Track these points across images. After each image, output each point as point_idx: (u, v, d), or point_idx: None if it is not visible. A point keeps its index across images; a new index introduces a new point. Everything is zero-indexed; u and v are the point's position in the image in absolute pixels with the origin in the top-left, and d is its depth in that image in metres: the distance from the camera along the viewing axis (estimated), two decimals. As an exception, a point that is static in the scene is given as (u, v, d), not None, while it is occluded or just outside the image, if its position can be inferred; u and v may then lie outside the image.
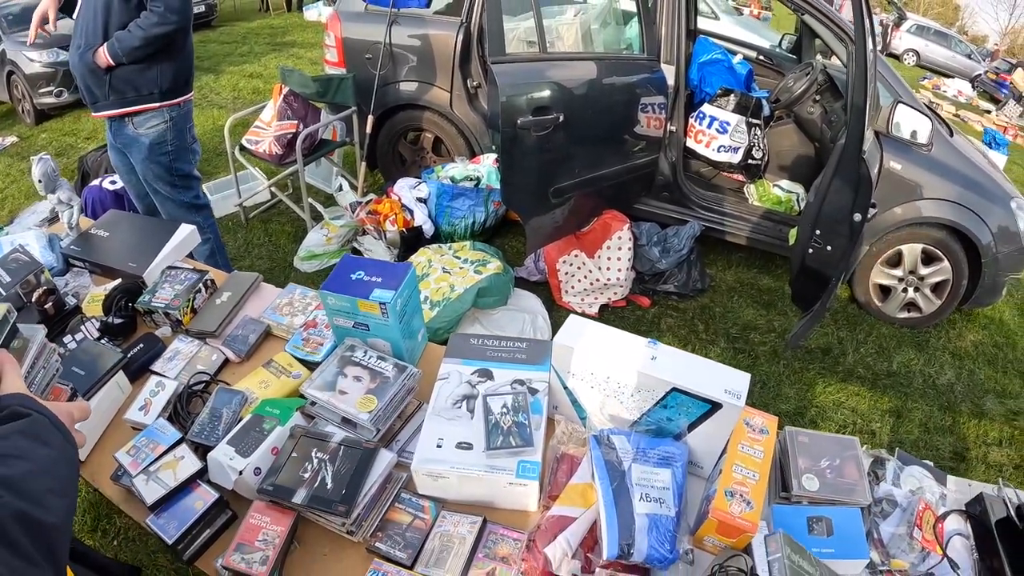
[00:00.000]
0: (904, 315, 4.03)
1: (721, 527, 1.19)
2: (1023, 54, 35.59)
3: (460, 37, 3.83)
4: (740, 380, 1.24)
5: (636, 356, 1.28)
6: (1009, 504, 1.32)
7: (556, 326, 3.08)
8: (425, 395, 1.42)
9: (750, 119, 4.08)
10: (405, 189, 3.98)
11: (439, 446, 1.28)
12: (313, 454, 1.28)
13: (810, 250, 2.98)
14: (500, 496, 1.30)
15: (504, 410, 1.32)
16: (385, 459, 1.30)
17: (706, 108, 4.16)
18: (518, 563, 1.20)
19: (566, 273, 3.69)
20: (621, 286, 3.70)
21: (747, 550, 1.20)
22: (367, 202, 3.92)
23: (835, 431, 3.08)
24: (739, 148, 4.08)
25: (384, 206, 3.82)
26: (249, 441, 1.32)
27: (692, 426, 1.29)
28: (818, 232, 2.92)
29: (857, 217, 2.72)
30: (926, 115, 3.55)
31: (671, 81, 3.58)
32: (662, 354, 1.28)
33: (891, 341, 3.90)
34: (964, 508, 1.39)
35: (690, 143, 4.19)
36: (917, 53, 20.74)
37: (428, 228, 3.89)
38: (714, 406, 1.23)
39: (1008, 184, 3.86)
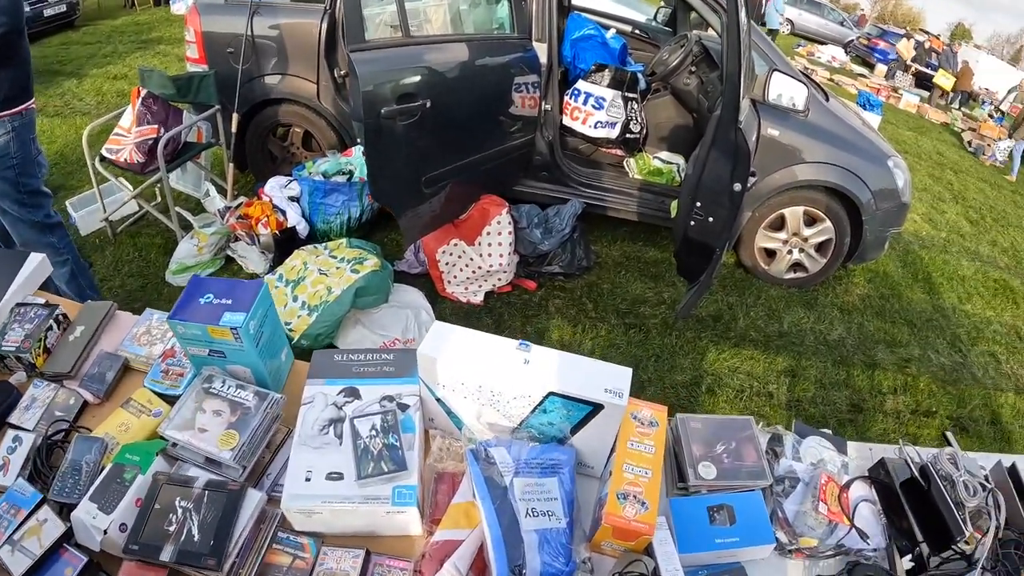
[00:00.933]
0: (791, 276, 4.16)
1: (617, 532, 1.14)
2: (892, 21, 37.79)
3: (324, 25, 3.66)
4: (621, 377, 1.19)
5: (507, 361, 1.20)
6: (912, 464, 1.34)
7: (441, 318, 2.99)
8: (294, 420, 1.30)
9: (626, 93, 4.08)
10: (276, 189, 3.78)
11: (308, 479, 1.17)
12: (177, 503, 1.17)
13: (692, 222, 2.99)
14: (380, 525, 1.20)
15: (373, 432, 1.22)
16: (254, 499, 1.19)
17: (581, 85, 4.13)
18: (407, 595, 1.12)
19: (447, 263, 3.60)
20: (505, 271, 3.65)
21: (648, 551, 1.16)
22: (237, 206, 3.70)
23: (732, 397, 3.15)
24: (616, 123, 4.08)
25: (255, 209, 3.62)
26: (111, 495, 1.19)
27: (575, 428, 1.23)
28: (699, 204, 2.93)
29: (737, 187, 2.75)
30: (801, 81, 3.64)
31: (544, 59, 3.51)
32: (535, 357, 1.21)
33: (780, 302, 4.01)
34: (867, 474, 1.40)
35: (566, 121, 4.16)
36: (791, 22, 21.63)
37: (303, 228, 3.72)
38: (596, 407, 1.17)
39: (884, 143, 4.02)
